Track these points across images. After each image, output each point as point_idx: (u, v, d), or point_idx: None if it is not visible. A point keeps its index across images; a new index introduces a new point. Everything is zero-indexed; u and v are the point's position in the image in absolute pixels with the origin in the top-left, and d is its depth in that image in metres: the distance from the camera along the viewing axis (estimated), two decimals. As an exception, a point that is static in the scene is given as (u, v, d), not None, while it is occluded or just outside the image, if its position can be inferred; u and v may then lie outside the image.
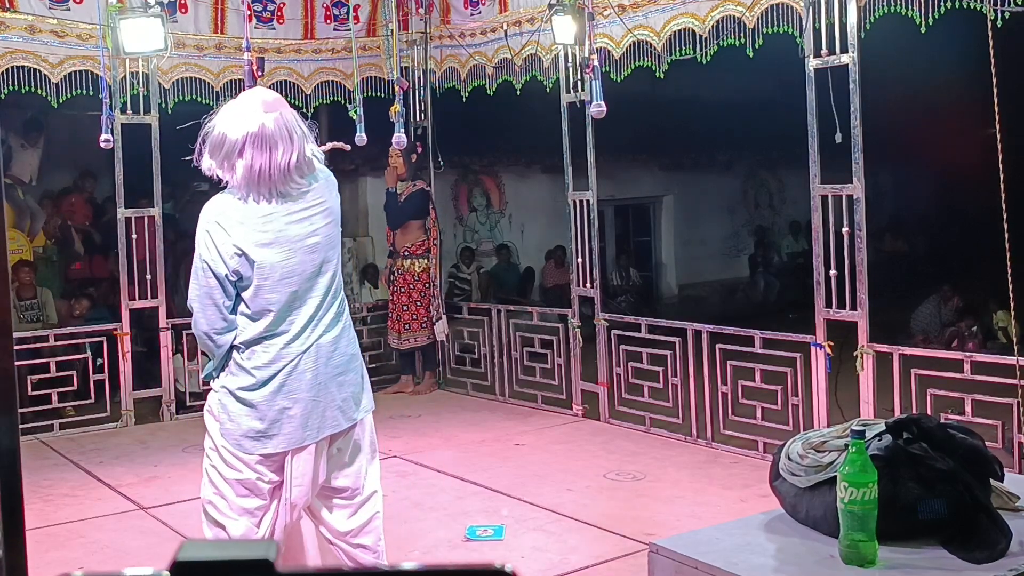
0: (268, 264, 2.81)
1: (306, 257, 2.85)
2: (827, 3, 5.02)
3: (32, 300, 7.53)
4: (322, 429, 2.88)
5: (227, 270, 2.81)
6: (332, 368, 2.89)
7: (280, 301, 2.84)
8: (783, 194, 14.86)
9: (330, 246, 2.92)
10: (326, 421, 2.89)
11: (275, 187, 2.80)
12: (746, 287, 13.76)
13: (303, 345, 2.85)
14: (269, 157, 2.77)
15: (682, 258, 13.81)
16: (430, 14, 7.38)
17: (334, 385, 2.89)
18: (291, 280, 2.84)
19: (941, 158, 12.36)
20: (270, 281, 2.82)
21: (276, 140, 2.78)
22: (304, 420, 2.85)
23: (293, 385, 2.84)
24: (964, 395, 4.76)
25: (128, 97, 6.51)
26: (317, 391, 2.87)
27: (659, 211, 13.80)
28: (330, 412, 2.89)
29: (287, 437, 2.84)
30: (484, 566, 0.73)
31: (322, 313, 2.89)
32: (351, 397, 2.95)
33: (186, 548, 0.73)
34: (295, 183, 2.84)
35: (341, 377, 2.91)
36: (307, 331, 2.86)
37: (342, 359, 2.92)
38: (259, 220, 2.82)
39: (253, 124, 2.78)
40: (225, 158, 2.80)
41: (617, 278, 11.87)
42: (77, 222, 8.78)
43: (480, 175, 12.07)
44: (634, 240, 13.67)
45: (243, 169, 2.78)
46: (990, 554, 2.17)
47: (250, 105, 2.83)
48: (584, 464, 5.50)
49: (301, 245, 2.84)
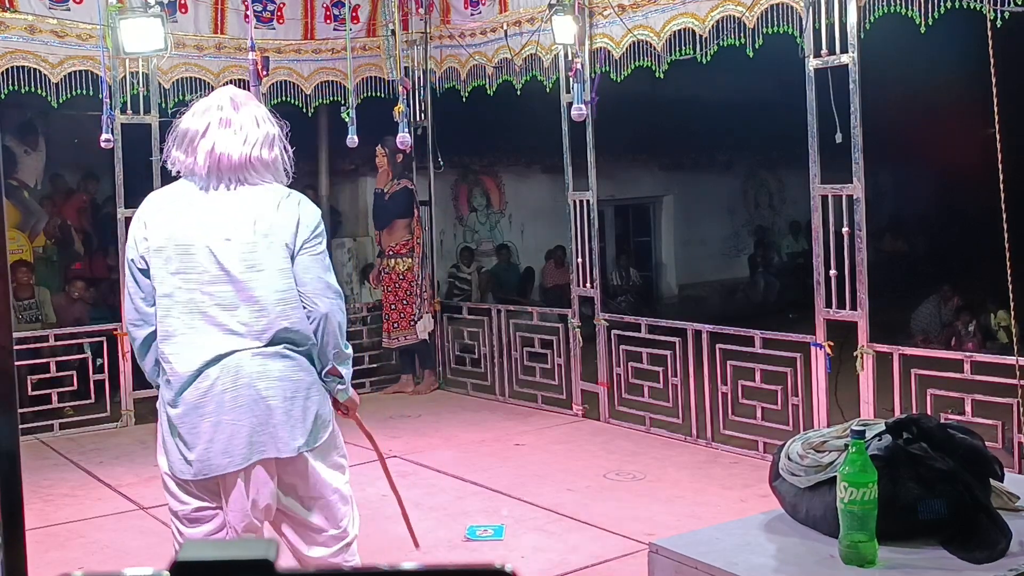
0: (164, 255, 2.67)
1: (212, 258, 2.66)
2: (827, 3, 5.02)
3: (30, 300, 7.53)
4: (248, 456, 2.65)
5: (135, 255, 2.72)
6: (261, 390, 2.65)
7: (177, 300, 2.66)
8: (783, 194, 14.87)
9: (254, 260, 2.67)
10: (253, 447, 2.65)
11: (236, 173, 2.70)
12: (746, 287, 13.77)
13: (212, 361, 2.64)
14: (231, 142, 2.69)
15: (682, 258, 13.81)
16: (430, 14, 7.38)
17: (263, 407, 2.65)
18: (188, 277, 2.66)
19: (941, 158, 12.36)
20: (163, 273, 2.67)
21: (247, 126, 2.72)
22: (224, 445, 2.63)
23: (208, 405, 2.64)
24: (964, 395, 4.76)
25: (128, 97, 6.50)
26: (238, 413, 2.64)
27: (659, 211, 13.81)
28: (257, 437, 2.65)
29: (206, 463, 2.64)
30: (484, 566, 0.73)
31: (244, 330, 2.66)
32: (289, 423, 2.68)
33: (186, 548, 0.73)
34: (256, 173, 2.72)
35: (276, 400, 2.66)
36: (217, 345, 2.65)
37: (284, 381, 2.68)
38: (184, 206, 2.69)
39: (220, 111, 2.74)
40: (188, 143, 2.73)
41: (617, 278, 11.87)
42: (77, 222, 8.78)
43: (480, 175, 12.08)
44: (634, 240, 13.67)
45: (204, 154, 2.69)
46: (990, 554, 2.17)
47: (217, 97, 2.80)
48: (584, 464, 5.50)
49: (211, 245, 2.66)
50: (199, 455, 2.66)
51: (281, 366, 2.69)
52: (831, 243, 5.12)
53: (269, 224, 2.71)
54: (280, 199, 2.76)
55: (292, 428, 2.70)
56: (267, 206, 2.72)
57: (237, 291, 2.67)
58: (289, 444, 2.70)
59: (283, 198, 2.77)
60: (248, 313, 2.68)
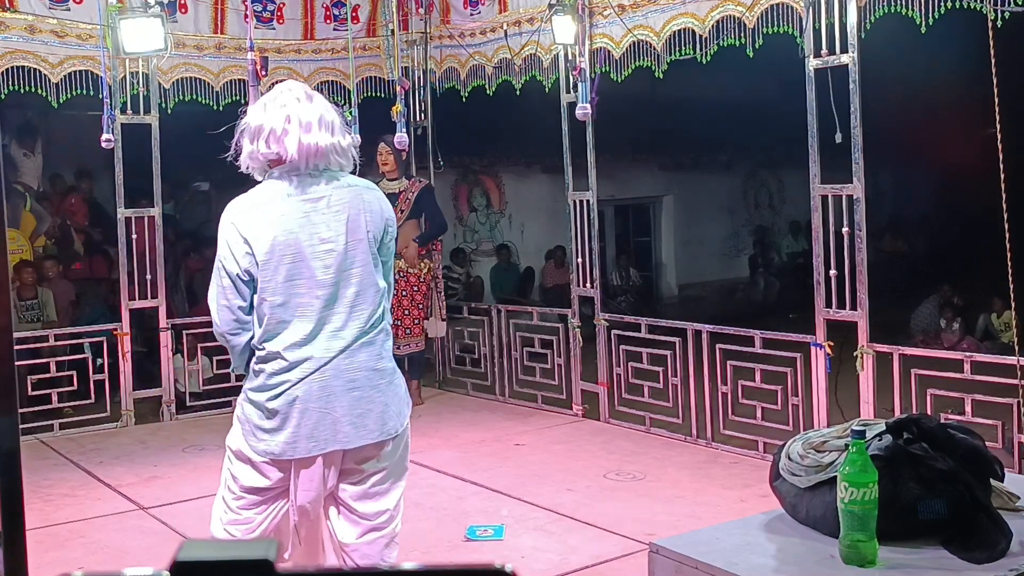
0: (272, 264, 2.75)
1: (315, 263, 2.76)
2: (827, 3, 5.02)
3: (33, 300, 7.53)
4: (330, 442, 2.79)
5: (239, 269, 2.77)
6: (346, 382, 2.79)
7: (287, 306, 2.76)
8: (783, 194, 14.88)
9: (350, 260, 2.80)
10: (337, 435, 2.79)
11: (321, 160, 2.79)
12: (746, 287, 13.77)
13: (316, 354, 2.77)
14: (314, 135, 2.77)
15: (682, 258, 13.82)
16: (430, 14, 7.38)
17: (347, 400, 2.79)
18: (296, 283, 2.76)
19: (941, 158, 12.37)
20: (274, 282, 2.76)
21: (319, 114, 2.80)
22: (310, 431, 2.77)
23: (302, 394, 2.77)
24: (964, 395, 4.76)
25: (128, 97, 6.51)
26: (326, 402, 2.77)
27: (659, 211, 13.82)
28: (341, 427, 2.79)
29: (292, 445, 2.78)
30: (484, 566, 0.73)
31: (343, 324, 2.79)
32: (368, 414, 2.83)
33: (186, 548, 0.73)
34: (337, 160, 2.83)
35: (357, 392, 2.80)
36: (320, 340, 2.77)
37: (360, 373, 2.81)
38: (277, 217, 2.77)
39: (297, 104, 2.80)
40: (271, 136, 2.77)
41: (617, 278, 11.88)
42: (77, 222, 8.79)
43: (480, 175, 12.09)
44: (634, 240, 13.68)
45: (295, 143, 2.76)
46: (990, 554, 2.17)
47: (288, 89, 2.86)
48: (584, 464, 5.50)
49: (311, 251, 2.76)
50: (287, 438, 2.78)
51: (366, 356, 2.83)
52: (831, 243, 5.12)
53: (359, 223, 2.83)
54: (363, 193, 2.89)
55: (375, 420, 2.85)
56: (352, 205, 2.84)
57: (339, 290, 2.79)
58: (367, 434, 2.84)
59: (366, 191, 2.91)
60: (350, 310, 2.80)
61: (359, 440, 2.82)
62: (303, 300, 2.77)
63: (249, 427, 2.84)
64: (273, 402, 2.79)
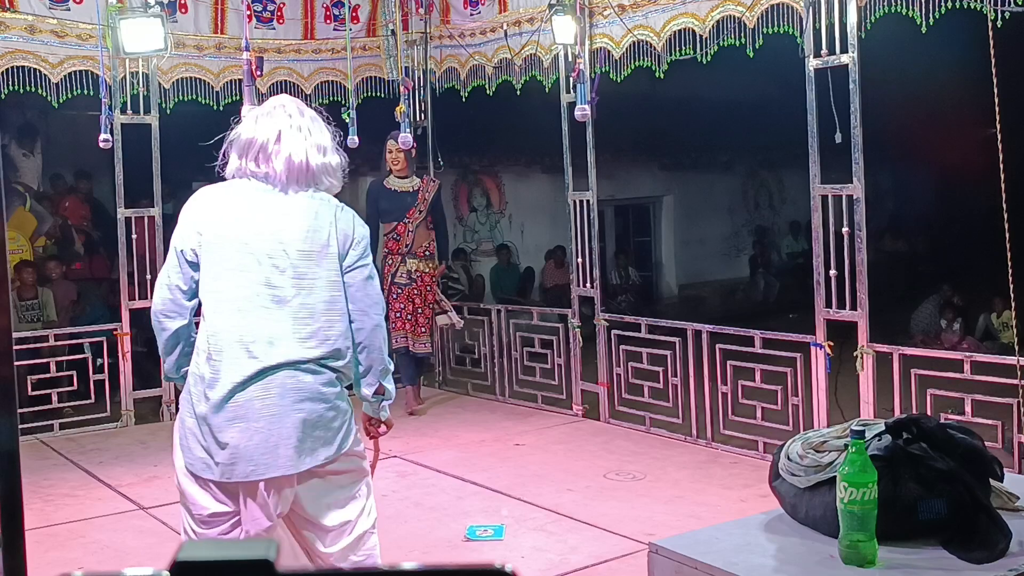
0: (217, 248, 2.66)
1: (265, 261, 2.66)
2: (827, 3, 5.02)
3: (33, 300, 7.54)
4: (271, 467, 2.63)
5: (185, 246, 2.69)
6: (293, 402, 2.64)
7: (225, 297, 2.65)
8: (783, 194, 14.88)
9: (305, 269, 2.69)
10: (278, 459, 2.63)
11: (307, 178, 2.73)
12: (746, 287, 13.78)
13: (249, 365, 2.62)
14: (306, 147, 2.73)
15: (682, 258, 13.82)
16: (430, 14, 7.38)
17: (293, 420, 2.63)
18: (239, 274, 2.65)
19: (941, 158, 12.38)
20: (216, 268, 2.66)
21: (309, 130, 2.76)
22: (251, 452, 2.61)
23: (239, 409, 2.62)
24: (964, 395, 4.76)
25: (128, 97, 6.51)
26: (269, 422, 2.62)
27: (659, 211, 13.82)
28: (284, 450, 2.63)
29: (232, 468, 2.63)
30: (484, 566, 0.73)
31: (285, 339, 2.65)
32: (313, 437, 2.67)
33: (186, 548, 0.73)
34: (319, 184, 2.77)
35: (305, 414, 2.65)
36: (258, 350, 2.63)
37: (315, 395, 2.67)
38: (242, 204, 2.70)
39: (288, 119, 2.76)
40: (259, 151, 2.72)
41: (617, 278, 11.88)
42: (77, 222, 8.79)
43: (480, 175, 12.08)
44: (634, 240, 13.68)
45: (283, 160, 2.71)
46: (990, 554, 2.17)
47: (279, 103, 2.82)
48: (584, 464, 5.50)
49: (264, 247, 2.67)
50: (225, 458, 2.65)
51: (312, 379, 2.68)
52: (831, 243, 5.12)
53: (325, 237, 2.73)
54: (335, 212, 2.79)
55: (318, 441, 2.70)
56: (323, 218, 2.75)
57: (286, 297, 2.68)
58: (315, 457, 2.70)
59: (338, 211, 2.80)
60: (295, 320, 2.68)
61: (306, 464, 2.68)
62: (240, 293, 2.65)
63: (187, 443, 2.72)
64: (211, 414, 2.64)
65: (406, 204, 6.81)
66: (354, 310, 2.77)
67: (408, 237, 6.78)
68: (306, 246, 2.70)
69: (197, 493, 2.75)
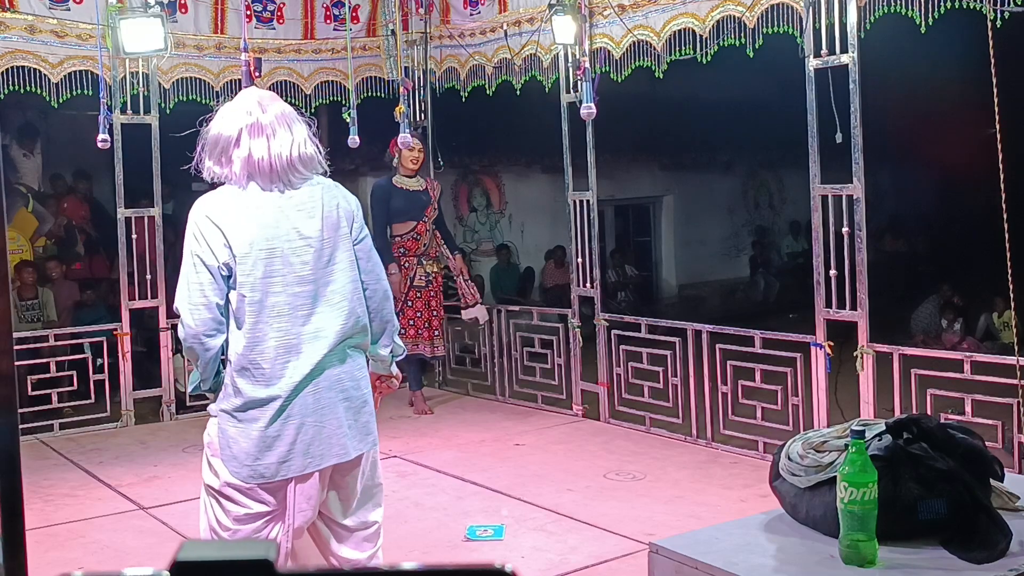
0: (251, 259, 2.65)
1: (294, 259, 2.67)
2: (827, 3, 5.02)
3: (33, 300, 7.54)
4: (326, 457, 2.70)
5: (218, 262, 2.64)
6: (338, 392, 2.71)
7: (265, 305, 2.65)
8: (783, 194, 14.88)
9: (328, 256, 2.72)
10: (332, 448, 2.71)
11: (277, 176, 2.70)
12: (746, 287, 13.78)
13: (303, 363, 2.66)
14: (268, 146, 2.69)
15: (682, 258, 13.82)
16: (430, 14, 7.38)
17: (341, 409, 2.71)
18: (274, 280, 2.66)
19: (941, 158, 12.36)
20: (252, 279, 2.64)
21: (274, 129, 2.71)
22: (306, 446, 2.67)
23: (293, 408, 2.67)
24: (964, 395, 4.76)
25: (128, 97, 6.51)
26: (321, 415, 2.69)
27: (659, 211, 13.82)
28: (337, 439, 2.70)
29: (287, 464, 2.67)
30: (484, 566, 0.73)
31: (324, 323, 2.69)
32: (358, 424, 2.76)
33: (186, 548, 0.73)
34: (299, 174, 2.73)
35: (348, 402, 2.73)
36: (306, 347, 2.67)
37: (352, 382, 2.74)
38: (254, 210, 2.68)
39: (249, 116, 2.72)
40: (222, 153, 2.71)
41: (617, 278, 11.88)
42: (77, 222, 8.79)
43: (480, 175, 12.09)
44: (634, 240, 13.69)
45: (240, 161, 2.68)
46: (990, 554, 2.17)
47: (245, 100, 2.78)
48: (584, 464, 5.50)
49: (289, 246, 2.68)
50: (279, 457, 2.68)
51: (348, 368, 2.76)
52: (831, 243, 5.12)
53: (335, 219, 2.77)
54: (335, 192, 2.83)
55: (361, 428, 2.80)
56: (329, 202, 2.78)
57: (319, 288, 2.71)
58: (360, 444, 2.79)
59: (336, 190, 2.84)
60: (330, 309, 2.72)
61: (354, 451, 2.75)
62: (280, 299, 2.66)
63: (231, 452, 2.70)
64: (263, 419, 2.66)
65: (422, 202, 6.71)
66: (367, 279, 2.85)
67: (427, 236, 6.70)
68: (326, 234, 2.74)
69: (237, 496, 2.75)
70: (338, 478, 2.81)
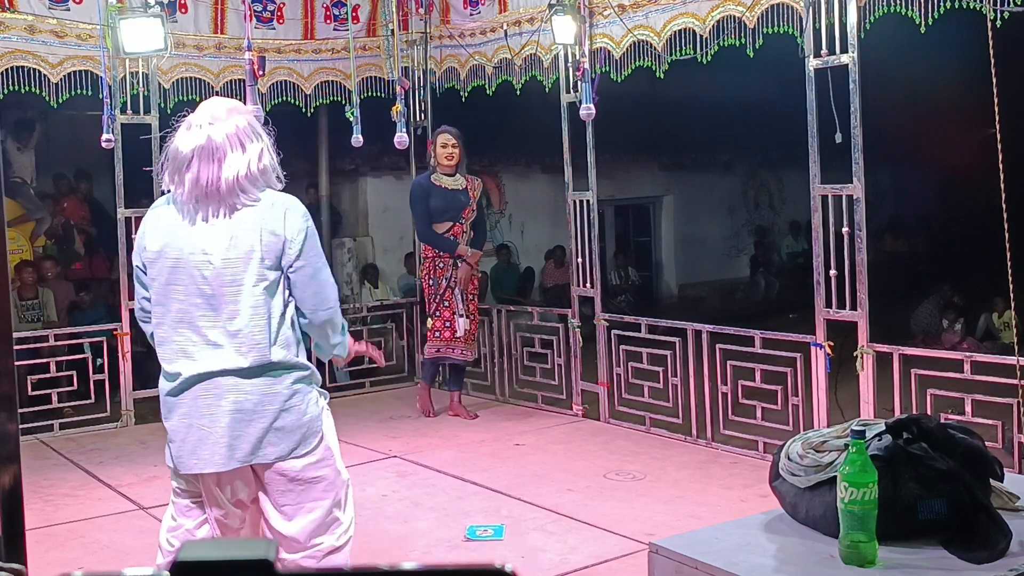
0: (159, 260, 2.76)
1: (195, 273, 2.72)
2: (827, 3, 5.02)
3: (33, 300, 7.54)
4: (208, 463, 2.75)
5: (138, 262, 2.86)
6: (231, 401, 2.72)
7: (169, 309, 2.76)
8: (783, 194, 14.88)
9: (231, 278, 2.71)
10: (214, 456, 2.74)
11: (223, 200, 2.71)
12: (746, 287, 13.78)
13: (195, 366, 2.73)
14: (218, 169, 2.69)
15: (682, 258, 13.82)
16: (430, 14, 7.38)
17: (229, 419, 2.72)
18: (176, 288, 2.74)
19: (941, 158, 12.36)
20: (157, 283, 2.78)
21: (225, 152, 2.71)
22: (193, 448, 2.75)
23: (186, 407, 2.76)
24: (964, 395, 4.76)
25: (128, 97, 6.50)
26: (209, 421, 2.74)
27: (659, 211, 13.82)
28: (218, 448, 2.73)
29: (179, 460, 2.79)
30: (484, 566, 0.73)
31: (221, 341, 2.72)
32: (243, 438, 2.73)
33: (186, 548, 0.73)
34: (245, 195, 2.72)
35: (239, 413, 2.72)
36: (200, 354, 2.73)
37: (248, 394, 2.73)
38: (176, 222, 2.76)
39: (201, 137, 2.73)
40: (175, 171, 2.76)
41: (617, 278, 11.88)
42: (77, 222, 8.79)
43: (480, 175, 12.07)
44: (634, 240, 13.69)
45: (190, 183, 2.72)
46: (990, 554, 2.17)
47: (200, 117, 2.78)
48: (584, 464, 5.50)
49: (193, 260, 2.72)
50: (175, 450, 2.82)
51: (256, 380, 2.75)
52: (831, 243, 5.12)
53: (249, 244, 2.72)
54: (266, 214, 2.75)
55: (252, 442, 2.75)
56: (248, 224, 2.73)
57: (218, 306, 2.73)
58: (246, 456, 2.76)
59: (269, 211, 2.75)
60: (227, 328, 2.73)
61: (232, 463, 2.75)
62: (181, 307, 2.75)
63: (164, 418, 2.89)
64: (167, 412, 2.83)
65: (460, 203, 6.48)
66: (303, 308, 2.83)
67: (464, 239, 6.49)
68: (230, 254, 2.72)
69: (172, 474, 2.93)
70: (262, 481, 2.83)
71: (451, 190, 6.52)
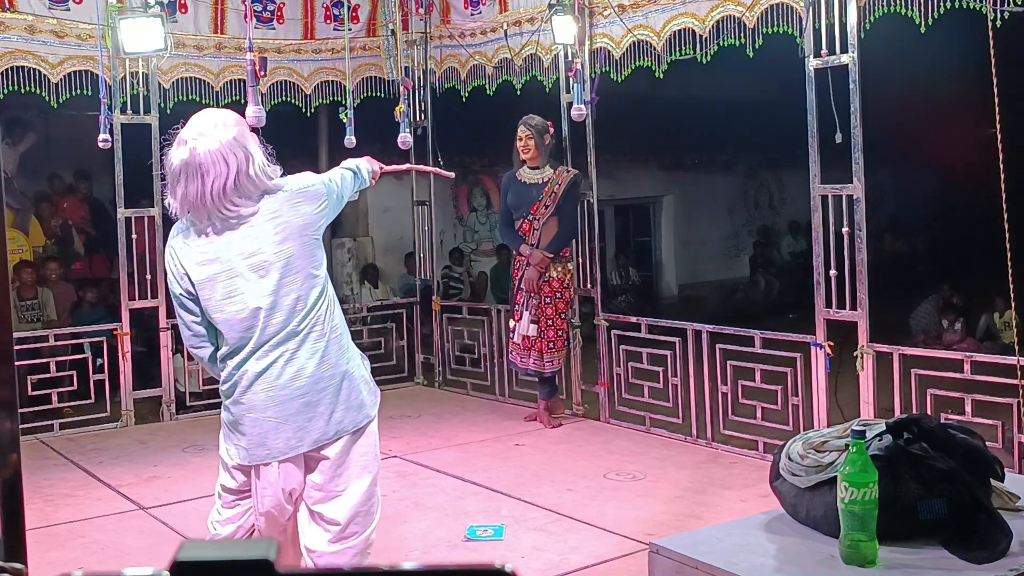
0: (208, 284, 2.83)
1: (251, 275, 2.81)
2: (827, 3, 5.02)
3: (33, 300, 7.54)
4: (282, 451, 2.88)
5: (180, 290, 2.90)
6: (294, 390, 2.84)
7: (229, 320, 2.84)
8: (783, 194, 14.88)
9: (287, 263, 2.83)
10: (289, 442, 2.88)
11: (212, 213, 2.79)
12: (746, 287, 13.78)
13: (259, 364, 2.85)
14: (201, 184, 2.76)
15: (682, 258, 13.82)
16: (430, 14, 7.38)
17: (295, 407, 2.85)
18: (234, 299, 2.82)
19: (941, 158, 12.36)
20: (213, 301, 2.84)
21: (208, 167, 2.75)
22: (260, 439, 2.88)
23: (249, 403, 2.89)
24: (964, 395, 4.76)
25: (128, 97, 6.50)
26: (276, 411, 2.86)
27: (659, 211, 13.82)
28: (289, 435, 2.87)
29: (248, 452, 2.91)
30: (484, 566, 0.73)
31: (285, 333, 2.84)
32: (319, 417, 2.87)
33: (186, 548, 0.73)
34: (234, 205, 2.79)
35: (303, 399, 2.85)
36: (264, 350, 2.85)
37: (309, 380, 2.85)
38: (201, 242, 2.85)
39: (185, 152, 2.78)
40: (171, 186, 2.85)
41: (617, 278, 11.88)
42: (77, 222, 8.79)
43: (480, 175, 12.09)
44: (634, 240, 13.68)
45: (179, 198, 2.82)
46: (990, 554, 2.17)
47: (188, 132, 2.84)
48: (584, 464, 5.50)
49: (244, 264, 2.81)
50: (246, 444, 2.91)
51: (313, 366, 2.86)
52: (831, 243, 5.12)
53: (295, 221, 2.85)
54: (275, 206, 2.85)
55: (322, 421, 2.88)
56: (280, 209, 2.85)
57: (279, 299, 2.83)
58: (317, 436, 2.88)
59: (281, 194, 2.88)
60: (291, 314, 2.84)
61: (305, 447, 2.88)
62: (243, 315, 2.83)
63: (223, 431, 3.02)
64: (232, 411, 2.93)
65: (531, 198, 6.18)
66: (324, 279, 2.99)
67: (534, 236, 6.12)
68: (281, 244, 2.83)
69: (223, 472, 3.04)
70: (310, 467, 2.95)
71: (527, 184, 6.28)
